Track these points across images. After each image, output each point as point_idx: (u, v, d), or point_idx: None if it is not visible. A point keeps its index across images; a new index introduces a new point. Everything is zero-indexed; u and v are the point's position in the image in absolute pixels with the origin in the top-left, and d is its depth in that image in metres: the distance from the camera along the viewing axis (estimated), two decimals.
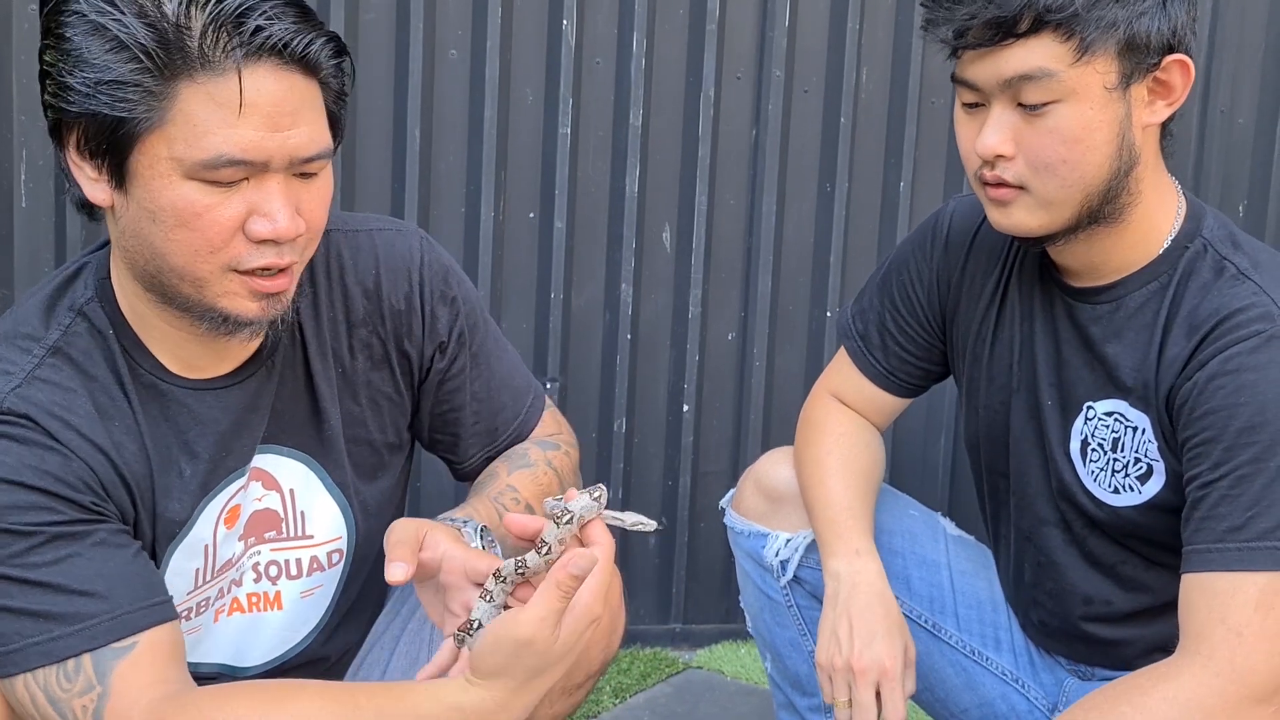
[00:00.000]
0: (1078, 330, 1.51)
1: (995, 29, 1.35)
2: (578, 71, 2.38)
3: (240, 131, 1.18)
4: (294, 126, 1.20)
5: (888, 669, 1.55)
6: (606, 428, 2.50)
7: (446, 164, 2.38)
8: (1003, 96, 1.39)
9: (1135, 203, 1.44)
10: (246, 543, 1.43)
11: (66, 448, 1.25)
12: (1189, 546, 1.34)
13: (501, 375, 1.57)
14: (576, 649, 1.20)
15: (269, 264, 1.24)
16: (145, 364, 1.33)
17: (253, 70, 1.17)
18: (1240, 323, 1.36)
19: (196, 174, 1.19)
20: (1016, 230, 1.44)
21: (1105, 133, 1.38)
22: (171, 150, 1.18)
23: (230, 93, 1.17)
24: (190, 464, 1.35)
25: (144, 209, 1.22)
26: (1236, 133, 2.59)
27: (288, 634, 1.49)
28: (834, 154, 2.46)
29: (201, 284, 1.25)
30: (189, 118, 1.17)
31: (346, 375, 1.45)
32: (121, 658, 1.21)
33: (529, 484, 1.52)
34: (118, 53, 1.16)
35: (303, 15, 1.20)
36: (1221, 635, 1.28)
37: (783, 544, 1.74)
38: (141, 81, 1.16)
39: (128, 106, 1.17)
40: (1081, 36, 1.34)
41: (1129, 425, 1.47)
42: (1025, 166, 1.40)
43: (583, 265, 2.45)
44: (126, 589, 1.23)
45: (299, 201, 1.24)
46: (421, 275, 1.47)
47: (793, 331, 2.53)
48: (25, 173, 2.30)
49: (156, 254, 1.24)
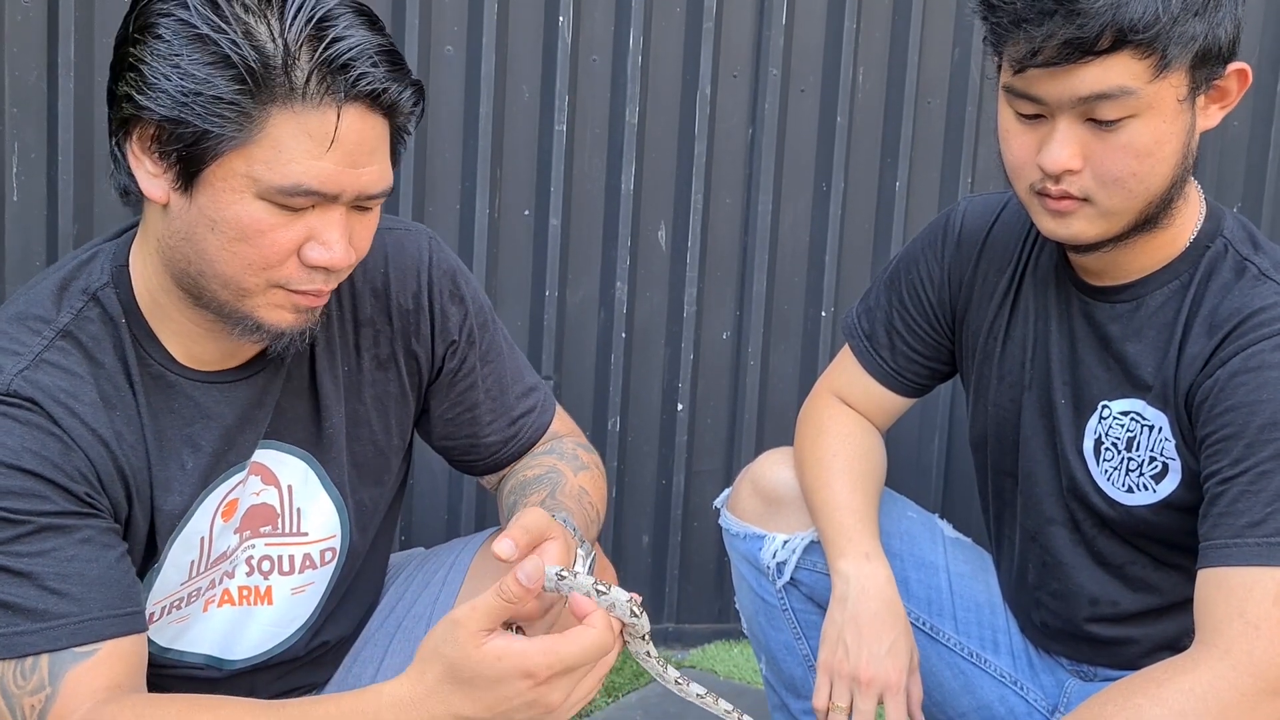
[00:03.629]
0: (1094, 329, 1.51)
1: (1073, 49, 1.30)
2: (574, 69, 2.37)
3: (322, 164, 1.20)
4: (369, 164, 1.23)
5: (893, 682, 1.55)
6: (600, 426, 2.49)
7: (442, 160, 2.37)
8: (1072, 112, 1.34)
9: (1183, 206, 1.44)
10: (241, 536, 1.43)
11: (68, 435, 1.24)
12: (1206, 542, 1.34)
13: (513, 372, 1.58)
14: (498, 686, 1.08)
15: (317, 289, 1.27)
16: (155, 354, 1.32)
17: (347, 110, 1.20)
18: (1263, 321, 1.37)
19: (270, 196, 1.21)
20: (1073, 240, 1.42)
21: (1175, 144, 1.37)
22: (250, 169, 1.20)
23: (323, 127, 1.19)
24: (193, 457, 1.34)
25: (206, 216, 1.23)
26: (1231, 135, 2.60)
27: (276, 630, 1.49)
28: (830, 153, 2.46)
29: (244, 294, 1.26)
30: (276, 143, 1.19)
31: (352, 375, 1.45)
32: (79, 662, 1.21)
33: (591, 486, 1.53)
34: (221, 69, 1.18)
35: (396, 63, 1.24)
36: (1239, 629, 1.27)
37: (780, 546, 1.73)
38: (239, 102, 1.18)
39: (220, 123, 1.18)
40: (1163, 52, 1.31)
41: (1145, 424, 1.47)
42: (1092, 180, 1.37)
43: (578, 263, 2.44)
44: (100, 594, 1.23)
45: (352, 232, 1.27)
46: (430, 275, 1.47)
47: (788, 331, 2.52)
48: (17, 165, 2.29)
49: (206, 260, 1.25)
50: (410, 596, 1.64)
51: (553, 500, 1.46)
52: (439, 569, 1.64)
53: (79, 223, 2.31)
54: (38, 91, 2.28)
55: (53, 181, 2.30)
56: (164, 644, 1.43)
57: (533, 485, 1.50)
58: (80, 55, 2.26)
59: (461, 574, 1.62)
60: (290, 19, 1.18)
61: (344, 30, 1.20)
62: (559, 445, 1.59)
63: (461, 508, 2.49)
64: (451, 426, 1.55)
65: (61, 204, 2.30)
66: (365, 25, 1.22)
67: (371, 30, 1.22)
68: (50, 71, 2.27)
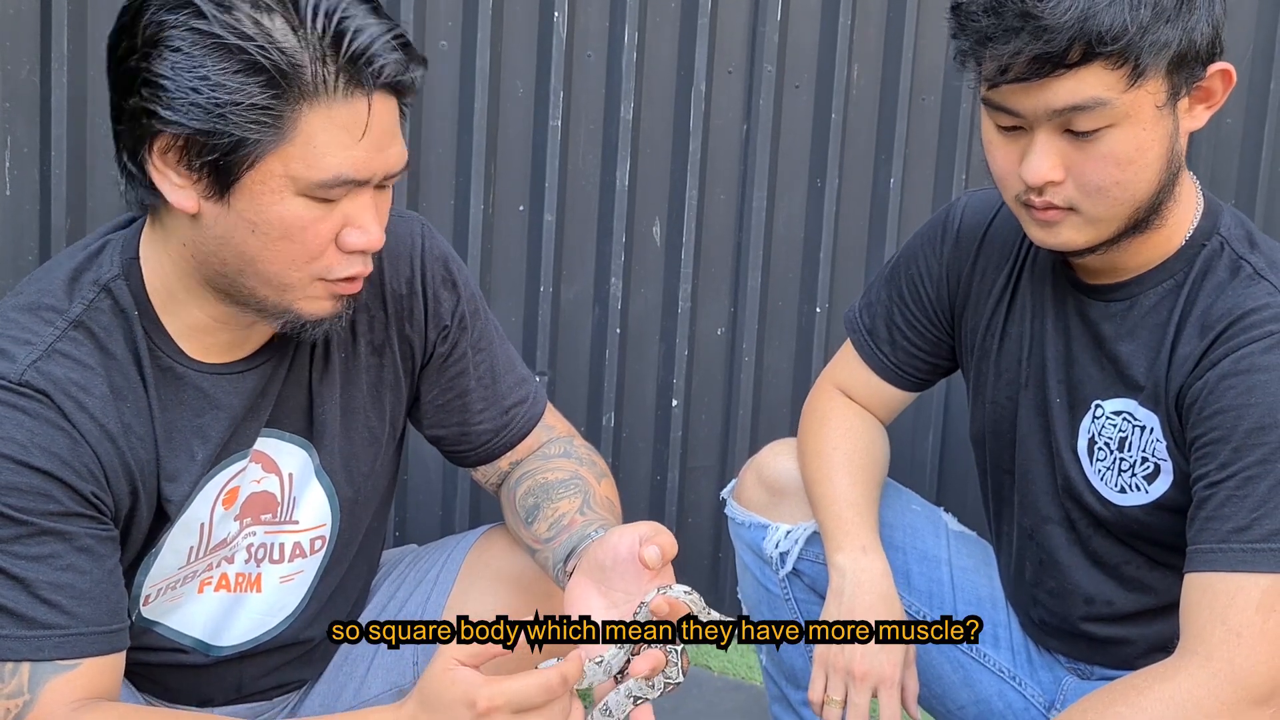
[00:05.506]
0: (1089, 328, 1.50)
1: (1042, 64, 1.28)
2: (568, 64, 2.37)
3: (355, 153, 1.22)
4: (393, 145, 1.25)
5: (887, 676, 1.55)
6: (595, 422, 2.49)
7: (436, 155, 2.37)
8: (1049, 124, 1.33)
9: (1174, 206, 1.43)
10: (242, 523, 1.43)
11: (77, 430, 1.25)
12: (1193, 546, 1.33)
13: (504, 362, 1.57)
14: (447, 709, 1.15)
15: (356, 273, 1.28)
16: (164, 347, 1.33)
17: (374, 99, 1.22)
18: (1254, 323, 1.35)
19: (310, 192, 1.22)
20: (1063, 248, 1.42)
21: (1157, 149, 1.35)
22: (288, 169, 1.20)
23: (354, 118, 1.21)
24: (202, 447, 1.35)
25: (245, 220, 1.23)
26: (1224, 132, 2.60)
27: (265, 617, 1.49)
28: (824, 150, 2.46)
29: (286, 289, 1.27)
30: (310, 139, 1.20)
31: (348, 361, 1.45)
32: (59, 674, 1.22)
33: (613, 495, 1.55)
34: (251, 75, 1.17)
35: (406, 45, 1.25)
36: (1221, 636, 1.27)
37: (783, 536, 1.74)
38: (273, 105, 1.18)
39: (257, 129, 1.18)
40: (1135, 62, 1.29)
41: (1137, 424, 1.47)
42: (1075, 190, 1.36)
43: (572, 259, 2.44)
44: (90, 609, 1.24)
45: (380, 212, 1.28)
46: (424, 261, 1.47)
47: (782, 327, 2.52)
48: (10, 159, 2.28)
49: (248, 260, 1.25)
50: (402, 595, 1.64)
51: (591, 511, 1.46)
52: (431, 567, 1.64)
53: (71, 217, 2.30)
54: (30, 86, 2.27)
55: (45, 176, 2.30)
56: (153, 618, 1.43)
57: (559, 490, 1.50)
58: (74, 49, 2.25)
59: (454, 572, 1.62)
60: (308, 17, 1.18)
61: (361, 21, 1.20)
62: (571, 448, 1.59)
63: (456, 504, 2.49)
64: (443, 414, 1.54)
65: (54, 199, 2.29)
66: (372, 11, 1.23)
67: (377, 16, 1.23)
68: (43, 66, 2.26)
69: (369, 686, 1.61)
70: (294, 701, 1.61)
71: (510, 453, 1.58)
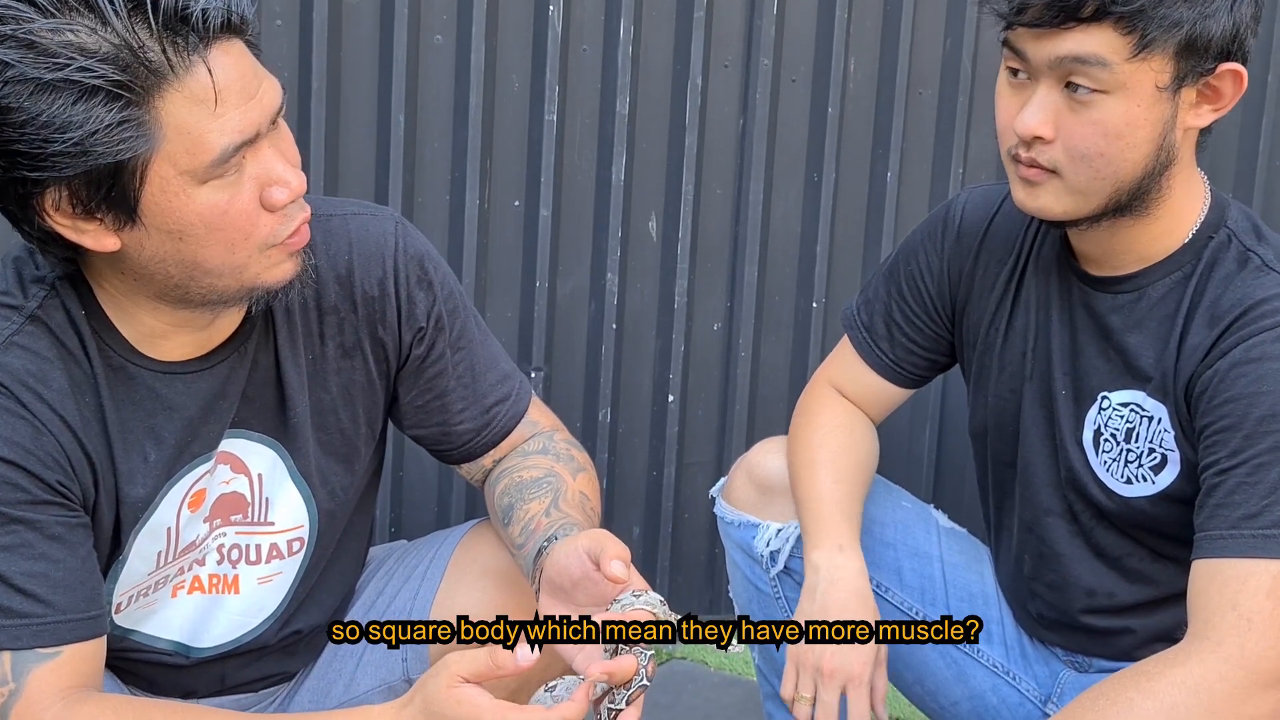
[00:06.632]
0: (1095, 320, 1.51)
1: (1057, 11, 1.33)
2: (564, 59, 2.36)
3: (228, 117, 1.17)
4: (259, 87, 1.20)
5: (855, 674, 1.54)
6: (591, 417, 2.49)
7: (431, 151, 2.36)
8: (1051, 76, 1.37)
9: (1165, 199, 1.44)
10: (212, 525, 1.42)
11: (38, 419, 1.24)
12: (1202, 533, 1.34)
13: (486, 360, 1.55)
14: None
15: (297, 226, 1.26)
16: (116, 346, 1.31)
17: (211, 55, 1.16)
18: (1265, 313, 1.37)
19: (210, 175, 1.19)
20: (1041, 213, 1.44)
21: (1147, 131, 1.37)
22: (178, 165, 1.17)
23: (203, 85, 1.16)
24: (155, 449, 1.34)
25: (167, 232, 1.20)
26: (1221, 125, 2.59)
27: (243, 619, 1.48)
28: (821, 144, 2.46)
29: (241, 270, 1.24)
30: (181, 127, 1.16)
31: (317, 363, 1.43)
32: (43, 662, 1.22)
33: (589, 490, 1.53)
34: (90, 100, 1.12)
35: None
36: (1232, 621, 1.27)
37: (773, 534, 1.73)
38: (130, 116, 1.14)
39: (126, 146, 1.14)
40: (1143, 32, 1.32)
41: (1145, 415, 1.47)
42: (1061, 152, 1.39)
43: (568, 254, 2.44)
44: (67, 596, 1.23)
45: (285, 153, 1.25)
46: (396, 261, 1.44)
47: (779, 322, 2.52)
48: None
49: (191, 265, 1.23)
50: (391, 590, 1.64)
51: (557, 511, 1.45)
52: (419, 563, 1.64)
53: None
54: None
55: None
56: (128, 626, 1.42)
57: (531, 489, 1.49)
58: None
59: (442, 567, 1.61)
60: (106, 10, 1.12)
61: None
62: (550, 443, 1.58)
63: (451, 499, 2.48)
64: (422, 414, 1.53)
65: None
66: None
67: None
68: None
69: (358, 683, 1.60)
70: (281, 695, 1.60)
71: (493, 450, 1.57)
